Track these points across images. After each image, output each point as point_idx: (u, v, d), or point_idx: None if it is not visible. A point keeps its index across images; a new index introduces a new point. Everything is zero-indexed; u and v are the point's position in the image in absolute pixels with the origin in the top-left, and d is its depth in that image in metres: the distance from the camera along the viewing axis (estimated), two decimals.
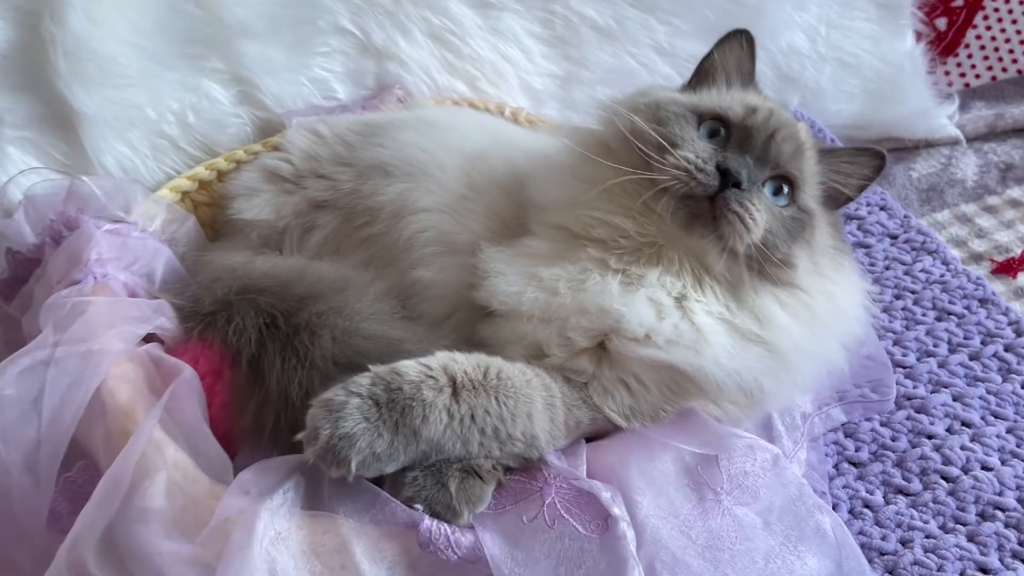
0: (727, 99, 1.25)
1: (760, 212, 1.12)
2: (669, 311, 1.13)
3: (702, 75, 1.32)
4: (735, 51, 1.30)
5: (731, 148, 1.16)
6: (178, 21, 1.60)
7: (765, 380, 1.14)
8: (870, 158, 1.25)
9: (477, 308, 1.20)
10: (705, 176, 1.11)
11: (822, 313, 1.19)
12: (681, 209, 1.13)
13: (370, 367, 1.06)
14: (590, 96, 1.91)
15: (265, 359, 1.18)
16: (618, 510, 1.02)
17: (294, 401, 1.12)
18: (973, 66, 2.34)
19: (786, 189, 1.18)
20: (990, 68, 2.32)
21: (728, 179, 1.11)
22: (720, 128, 1.19)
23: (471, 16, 1.83)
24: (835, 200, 1.26)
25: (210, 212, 1.59)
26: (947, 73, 2.37)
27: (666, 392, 1.14)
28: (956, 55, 2.35)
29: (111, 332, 1.17)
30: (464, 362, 1.08)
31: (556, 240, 1.20)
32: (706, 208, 1.12)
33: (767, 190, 1.16)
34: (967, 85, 2.37)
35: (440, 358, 1.08)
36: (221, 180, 1.59)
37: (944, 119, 2.23)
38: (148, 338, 1.24)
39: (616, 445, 1.13)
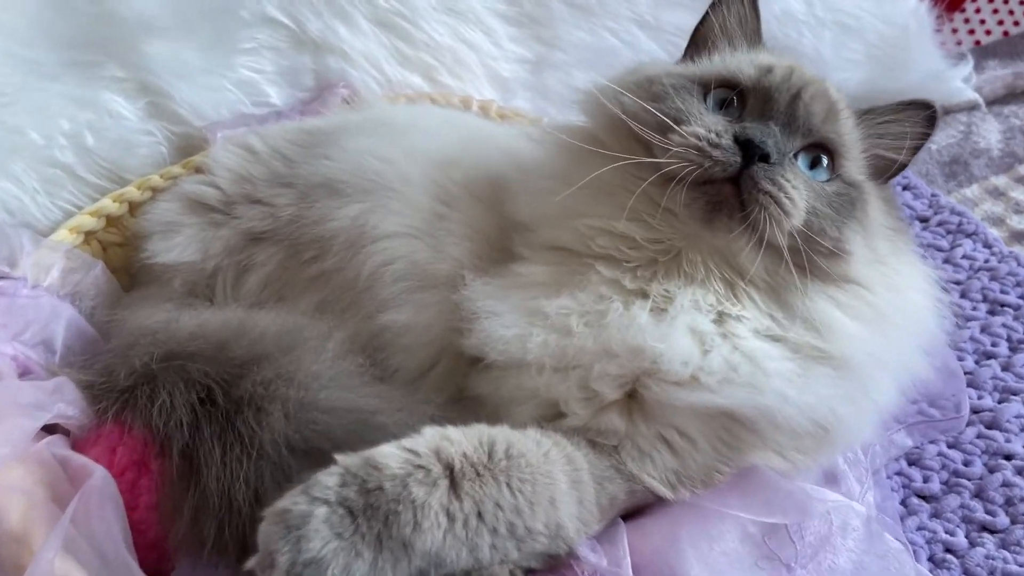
0: (734, 61, 1.09)
1: (799, 189, 0.95)
2: (715, 340, 0.95)
3: (699, 43, 1.17)
4: (735, 8, 1.16)
5: (749, 117, 1.01)
6: (63, 22, 1.40)
7: (841, 408, 0.97)
8: (917, 111, 1.10)
9: (467, 357, 1.03)
10: (723, 152, 0.94)
11: (889, 311, 1.02)
12: (698, 199, 0.96)
13: (337, 457, 0.85)
14: (566, 83, 1.76)
15: (201, 447, 0.99)
16: None
17: (240, 505, 0.93)
18: (982, 21, 2.20)
19: (825, 160, 1.02)
20: (1001, 23, 2.19)
21: (752, 152, 0.93)
22: (732, 96, 1.03)
23: None
24: (884, 170, 1.11)
25: (123, 254, 1.41)
26: (955, 31, 2.22)
27: (719, 447, 0.97)
28: (963, 10, 2.21)
29: None
30: (461, 441, 0.87)
31: (554, 262, 1.04)
32: (729, 192, 0.95)
33: (801, 163, 1.01)
34: (978, 43, 2.22)
35: (429, 438, 0.87)
36: (134, 214, 1.40)
37: (959, 82, 2.08)
38: (50, 428, 1.07)
39: (664, 522, 0.95)
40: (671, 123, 0.98)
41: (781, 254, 0.96)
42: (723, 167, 0.93)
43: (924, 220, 1.76)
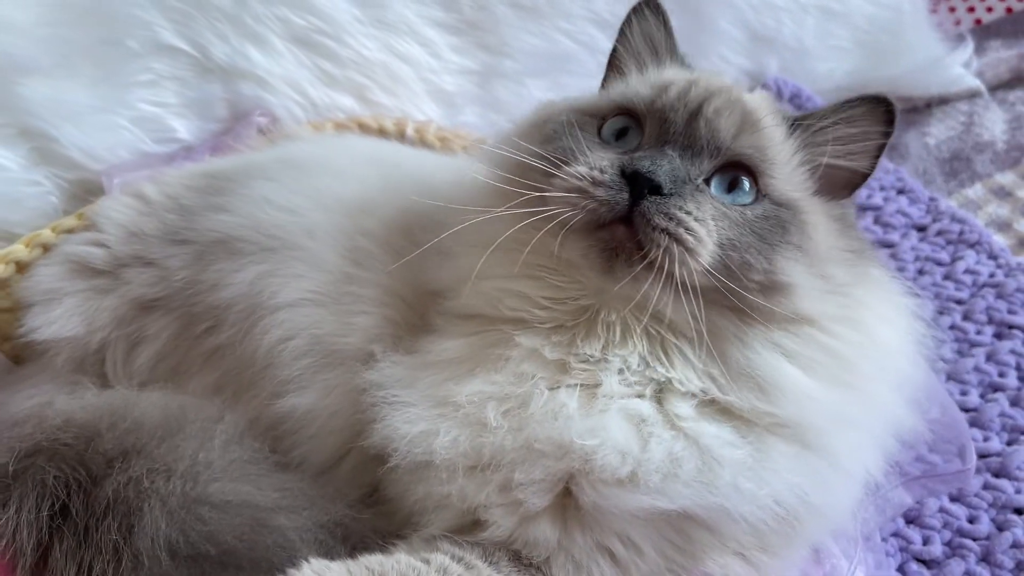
0: (632, 84, 1.03)
1: (704, 220, 0.86)
2: (655, 427, 0.85)
3: (612, 69, 1.10)
4: (643, 27, 1.09)
5: (646, 144, 0.93)
6: None
7: (811, 492, 0.87)
8: (869, 109, 0.97)
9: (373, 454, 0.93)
10: (606, 190, 0.86)
11: (853, 354, 0.92)
12: (593, 246, 0.88)
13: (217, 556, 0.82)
14: (518, 93, 1.67)
15: (54, 570, 0.90)
16: None
17: None
18: None
19: (746, 181, 0.92)
20: None
21: (640, 186, 0.85)
22: (629, 124, 0.96)
23: (346, 8, 1.55)
24: (839, 183, 0.99)
25: (11, 320, 1.26)
26: (952, 10, 2.10)
27: (670, 553, 0.87)
28: None
29: None
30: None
31: (468, 333, 0.95)
32: (623, 235, 0.86)
33: (716, 187, 0.91)
34: (978, 22, 2.10)
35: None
36: (23, 274, 1.28)
37: (959, 68, 1.97)
38: None
39: None
40: (557, 165, 0.90)
41: (698, 296, 0.86)
42: (610, 207, 0.85)
43: (922, 229, 1.64)
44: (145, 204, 1.22)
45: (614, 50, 1.09)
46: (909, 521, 1.25)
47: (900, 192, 1.70)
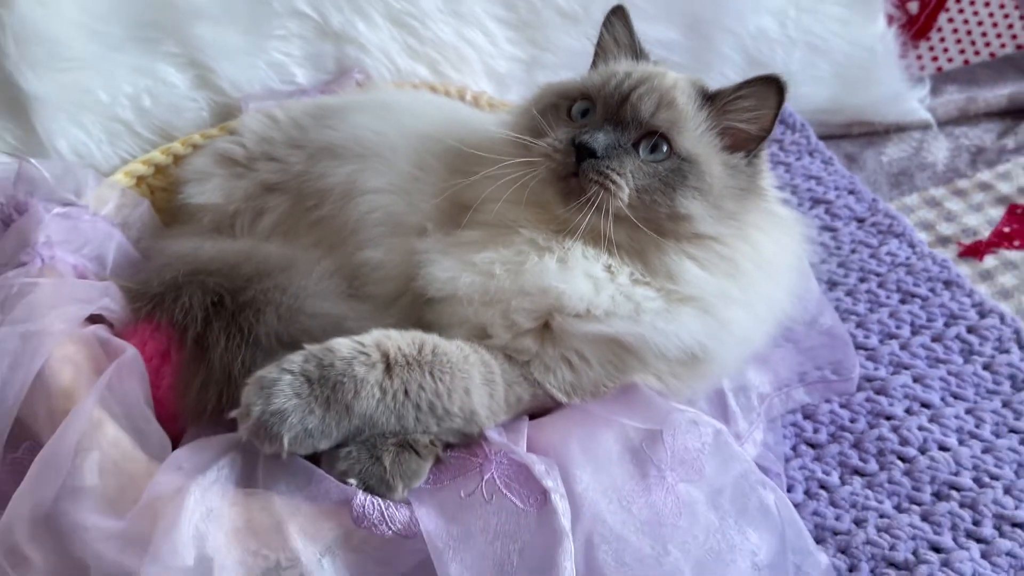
0: (597, 74, 1.28)
1: (624, 173, 1.15)
2: (604, 284, 1.15)
3: (596, 57, 1.36)
4: (614, 27, 1.34)
5: (595, 121, 1.20)
6: (130, 4, 1.61)
7: (705, 340, 1.16)
8: (763, 86, 1.19)
9: (420, 293, 1.21)
10: (562, 156, 1.16)
11: (739, 258, 1.19)
12: (560, 189, 1.18)
13: (305, 345, 1.07)
14: (554, 80, 1.89)
15: (210, 336, 1.19)
16: (552, 483, 1.03)
17: (236, 379, 1.12)
18: (945, 50, 2.33)
19: (663, 143, 1.18)
20: (962, 52, 2.32)
21: (582, 153, 1.15)
22: (588, 105, 1.23)
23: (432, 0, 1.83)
24: (744, 140, 1.22)
25: (166, 197, 1.59)
26: (919, 57, 2.36)
27: (608, 367, 1.16)
28: (928, 39, 2.35)
29: (54, 313, 1.19)
30: (398, 338, 1.09)
31: (485, 229, 1.23)
32: (574, 184, 1.16)
33: (644, 150, 1.18)
34: (939, 69, 2.36)
35: (374, 335, 1.09)
36: (177, 164, 1.59)
37: (915, 103, 2.22)
38: (98, 320, 1.26)
39: (558, 422, 1.14)
40: (536, 136, 1.20)
41: (625, 222, 1.15)
42: (564, 166, 1.16)
43: (861, 220, 1.92)
44: (273, 121, 1.52)
45: (597, 42, 1.36)
46: (806, 416, 1.51)
47: (850, 192, 1.99)
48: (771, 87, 1.18)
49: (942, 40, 2.33)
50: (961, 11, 2.31)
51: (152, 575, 0.93)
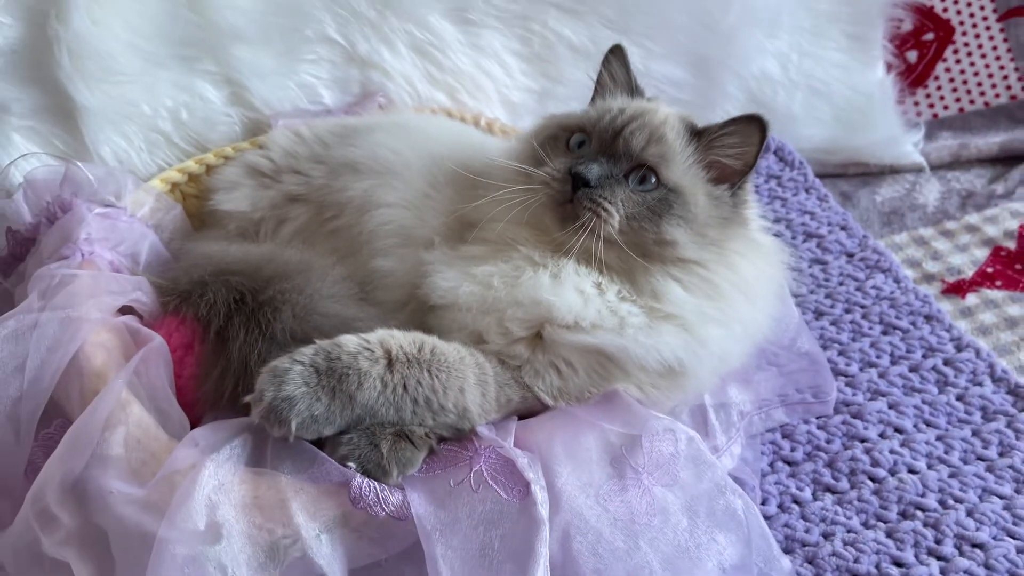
0: (594, 109, 1.37)
1: (615, 202, 1.23)
2: (593, 299, 1.23)
3: (597, 91, 1.45)
4: (613, 65, 1.43)
5: (591, 153, 1.29)
6: (175, 25, 1.72)
7: (683, 355, 1.23)
8: (747, 125, 1.26)
9: (424, 302, 1.30)
10: (560, 184, 1.25)
11: (720, 281, 1.26)
12: (557, 214, 1.26)
13: (316, 340, 1.16)
14: (565, 111, 1.99)
15: (231, 330, 1.29)
16: (533, 475, 1.11)
17: (252, 369, 1.21)
18: (942, 97, 2.40)
19: (652, 175, 1.26)
20: (958, 100, 2.39)
21: (577, 182, 1.23)
22: (585, 138, 1.32)
23: (452, 32, 1.94)
24: (729, 174, 1.30)
25: (197, 204, 1.70)
26: (916, 104, 2.42)
27: (593, 375, 1.24)
28: (925, 86, 2.41)
29: (90, 302, 1.29)
30: (400, 338, 1.18)
31: (487, 245, 1.31)
32: (570, 210, 1.24)
33: (634, 180, 1.26)
34: (935, 116, 2.42)
35: (379, 334, 1.18)
36: (209, 174, 1.70)
37: (910, 147, 2.27)
38: (129, 312, 1.35)
39: (544, 423, 1.22)
40: (536, 166, 1.29)
41: (615, 245, 1.22)
42: (561, 194, 1.24)
43: (850, 255, 2.00)
44: (300, 137, 1.62)
45: (597, 77, 1.44)
46: (784, 436, 1.58)
47: (842, 228, 2.07)
48: (754, 125, 1.26)
49: (939, 88, 2.41)
50: (958, 61, 2.39)
51: (167, 536, 1.02)
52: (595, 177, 1.24)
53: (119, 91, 1.68)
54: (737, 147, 1.28)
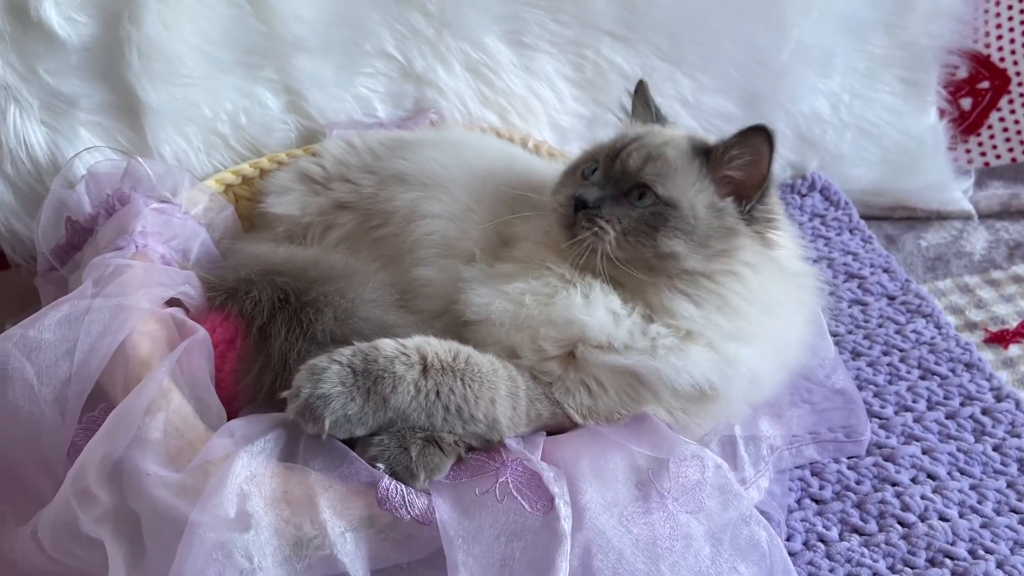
0: (608, 138, 1.43)
1: (610, 219, 1.26)
2: (623, 319, 1.25)
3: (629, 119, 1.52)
4: (635, 98, 1.51)
5: (597, 178, 1.33)
6: (241, 32, 1.76)
7: (715, 377, 1.22)
8: (750, 138, 1.26)
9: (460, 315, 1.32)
10: (564, 208, 1.30)
11: (728, 294, 1.25)
12: (564, 236, 1.30)
13: (355, 342, 1.19)
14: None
15: (273, 328, 1.31)
16: (558, 489, 1.12)
17: (291, 367, 1.23)
18: (994, 147, 2.38)
19: (649, 192, 1.28)
20: (1011, 150, 2.37)
21: (577, 205, 1.28)
22: (596, 165, 1.36)
23: (507, 54, 1.96)
24: (747, 188, 1.29)
25: (249, 206, 1.74)
26: (968, 151, 2.40)
27: (623, 396, 1.25)
28: (978, 135, 2.40)
29: (141, 292, 1.33)
30: (437, 345, 1.20)
31: (518, 264, 1.34)
32: (574, 232, 1.29)
33: (633, 199, 1.28)
34: (987, 164, 2.39)
35: (416, 340, 1.20)
36: (262, 178, 1.74)
37: (959, 193, 2.25)
38: (177, 304, 1.38)
39: (572, 440, 1.22)
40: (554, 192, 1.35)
41: (616, 262, 1.24)
42: (567, 217, 1.29)
43: (892, 298, 1.98)
44: (352, 147, 1.66)
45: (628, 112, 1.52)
46: (814, 473, 1.56)
47: (885, 271, 2.05)
48: (761, 136, 1.25)
49: (991, 137, 2.39)
50: (1013, 111, 2.37)
51: (199, 520, 1.04)
52: (592, 198, 1.28)
53: (183, 93, 1.73)
54: (747, 160, 1.27)
